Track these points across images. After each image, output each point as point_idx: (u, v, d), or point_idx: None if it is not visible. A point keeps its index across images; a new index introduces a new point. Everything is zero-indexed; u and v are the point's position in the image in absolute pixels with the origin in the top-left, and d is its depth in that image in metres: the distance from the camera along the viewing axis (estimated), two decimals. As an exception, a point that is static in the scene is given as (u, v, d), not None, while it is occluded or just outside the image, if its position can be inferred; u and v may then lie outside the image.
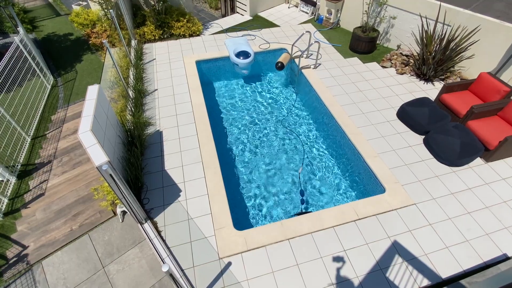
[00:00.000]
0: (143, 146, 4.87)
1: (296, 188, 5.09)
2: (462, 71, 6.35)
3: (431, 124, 5.04)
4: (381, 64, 6.91)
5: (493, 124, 4.80)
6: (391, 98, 5.99)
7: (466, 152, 4.57)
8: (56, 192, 4.77)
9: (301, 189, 5.04)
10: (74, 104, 6.49)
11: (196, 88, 6.17)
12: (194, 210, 4.13)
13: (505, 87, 4.93)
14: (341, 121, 5.41)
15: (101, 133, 3.51)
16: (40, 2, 11.02)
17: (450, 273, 3.55)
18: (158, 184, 4.44)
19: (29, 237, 4.23)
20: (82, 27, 8.28)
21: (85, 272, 3.86)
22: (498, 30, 5.52)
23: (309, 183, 5.17)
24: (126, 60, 6.50)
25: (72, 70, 7.46)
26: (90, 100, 3.66)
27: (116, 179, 3.15)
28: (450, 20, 6.11)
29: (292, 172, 5.32)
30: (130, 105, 5.54)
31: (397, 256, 3.69)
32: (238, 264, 3.62)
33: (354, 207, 4.17)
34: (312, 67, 6.80)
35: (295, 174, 5.28)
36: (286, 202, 4.89)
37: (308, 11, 9.15)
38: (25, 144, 5.48)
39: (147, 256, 3.96)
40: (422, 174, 4.60)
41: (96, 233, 4.25)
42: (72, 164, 5.20)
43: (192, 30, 7.85)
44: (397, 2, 6.88)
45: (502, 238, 3.86)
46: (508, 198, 4.28)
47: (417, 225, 4.00)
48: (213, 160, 4.74)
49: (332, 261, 3.65)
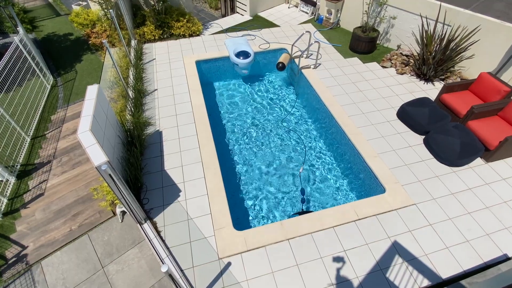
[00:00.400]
0: (142, 146, 4.86)
1: (296, 188, 5.08)
2: (462, 71, 6.35)
3: (431, 124, 5.03)
4: (381, 64, 6.90)
5: (493, 124, 4.79)
6: (391, 98, 5.98)
7: (466, 152, 4.56)
8: (56, 192, 4.76)
9: (301, 187, 5.04)
10: (74, 104, 6.49)
11: (196, 88, 6.17)
12: (194, 210, 4.12)
13: (505, 87, 4.92)
14: (341, 121, 5.41)
15: (100, 133, 3.50)
16: (40, 2, 11.02)
17: (450, 274, 3.54)
18: (157, 184, 4.43)
19: (28, 237, 4.22)
20: (82, 27, 8.28)
21: (85, 272, 3.85)
22: (498, 30, 5.51)
23: (309, 183, 5.16)
24: (126, 60, 6.50)
25: (72, 70, 7.46)
26: (90, 100, 3.65)
27: (116, 179, 3.15)
28: (450, 20, 6.10)
29: (292, 172, 5.31)
30: (129, 105, 5.53)
31: (397, 257, 3.68)
32: (238, 264, 3.61)
33: (354, 207, 4.16)
34: (312, 67, 6.79)
35: (295, 174, 5.27)
36: (286, 203, 4.89)
37: (308, 11, 9.15)
38: (25, 144, 5.47)
39: (147, 256, 3.95)
40: (422, 174, 4.59)
41: (95, 233, 4.24)
42: (72, 164, 5.19)
43: (192, 30, 7.85)
44: (397, 2, 6.87)
45: (503, 238, 3.85)
46: (508, 198, 4.27)
47: (417, 225, 3.99)
48: (213, 160, 4.73)
49: (332, 262, 3.64)
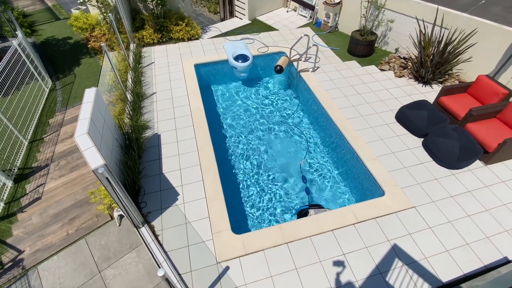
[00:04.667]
0: (141, 149, 4.84)
1: (295, 193, 5.07)
2: (460, 74, 6.36)
3: (430, 127, 5.03)
4: (380, 67, 6.92)
5: (492, 126, 4.79)
6: (390, 101, 5.98)
7: (465, 154, 4.55)
8: (53, 196, 4.74)
9: (302, 175, 5.11)
10: (72, 107, 6.48)
11: (194, 92, 6.17)
12: (192, 214, 4.09)
13: (503, 89, 4.93)
14: (340, 124, 5.40)
15: (98, 136, 3.49)
16: (39, 6, 11.07)
17: (450, 277, 3.51)
18: (155, 188, 4.41)
19: (25, 241, 4.19)
20: (81, 31, 8.30)
21: (82, 277, 3.81)
22: (495, 33, 5.54)
23: (308, 186, 5.14)
24: (124, 64, 6.51)
25: (71, 73, 7.47)
26: (87, 103, 3.64)
27: (113, 183, 3.12)
28: (448, 23, 6.13)
29: (291, 173, 5.29)
30: (128, 108, 5.52)
31: (397, 260, 3.65)
32: (236, 268, 3.57)
33: (353, 210, 4.14)
34: (311, 70, 6.81)
35: (294, 176, 5.26)
36: (285, 206, 4.86)
37: (307, 15, 9.19)
38: (22, 147, 5.45)
39: (144, 260, 3.92)
40: (421, 177, 4.57)
41: (92, 237, 4.21)
42: (70, 168, 5.17)
43: (191, 34, 7.87)
44: (395, 5, 6.91)
45: (503, 241, 3.82)
46: (508, 201, 4.25)
47: (417, 228, 3.96)
48: (211, 163, 4.71)
49: (331, 265, 3.60)
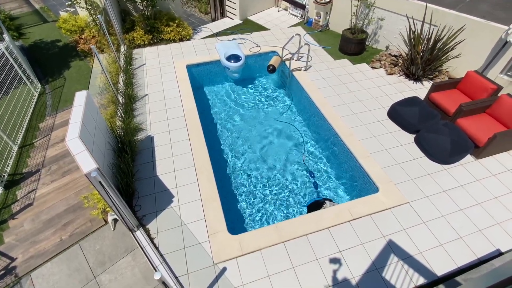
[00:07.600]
0: (134, 152, 4.79)
1: (288, 190, 5.08)
2: (450, 70, 6.46)
3: (422, 123, 5.09)
4: (371, 65, 6.98)
5: (481, 121, 4.87)
6: (382, 98, 6.04)
7: (456, 149, 4.62)
8: (45, 201, 4.66)
9: (309, 170, 5.12)
10: (62, 111, 6.38)
11: (187, 93, 6.13)
12: (188, 216, 4.07)
13: (492, 84, 5.02)
14: (333, 121, 5.43)
15: (90, 139, 3.44)
16: (27, 9, 10.87)
17: (445, 271, 3.56)
18: (150, 190, 4.37)
19: (17, 248, 4.10)
20: (70, 33, 8.17)
21: (76, 283, 3.75)
22: (483, 29, 5.63)
23: (305, 185, 5.16)
24: (115, 66, 6.43)
25: (60, 77, 7.34)
26: (78, 106, 3.58)
27: (106, 186, 3.09)
28: (437, 21, 6.21)
29: (286, 173, 5.30)
30: (120, 110, 5.46)
31: (393, 255, 3.69)
32: (233, 269, 3.56)
33: (348, 207, 4.16)
34: (303, 69, 6.83)
35: (289, 175, 5.27)
36: (281, 205, 4.87)
37: (298, 14, 9.22)
38: (12, 153, 5.34)
39: (140, 264, 3.88)
40: (414, 172, 4.63)
41: (87, 242, 4.15)
42: (61, 173, 5.09)
43: (182, 34, 7.82)
44: (384, 4, 6.98)
45: (495, 234, 3.89)
46: (499, 194, 4.33)
47: (411, 223, 4.01)
48: (206, 164, 4.69)
49: (328, 263, 3.62)
